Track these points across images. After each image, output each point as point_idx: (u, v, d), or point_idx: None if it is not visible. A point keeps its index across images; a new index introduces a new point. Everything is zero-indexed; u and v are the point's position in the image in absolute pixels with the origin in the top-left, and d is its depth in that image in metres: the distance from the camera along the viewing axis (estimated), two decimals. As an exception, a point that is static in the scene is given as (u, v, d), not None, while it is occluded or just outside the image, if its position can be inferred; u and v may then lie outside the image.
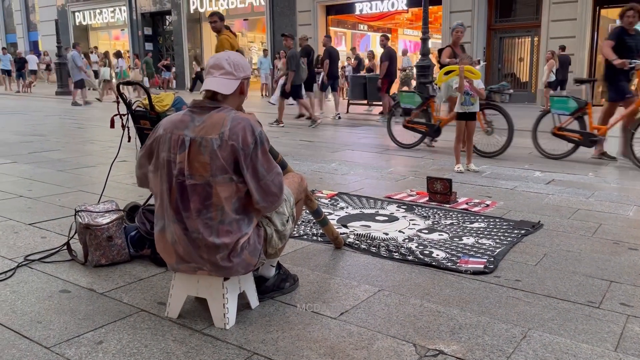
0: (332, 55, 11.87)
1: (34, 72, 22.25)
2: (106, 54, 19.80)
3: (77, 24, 26.60)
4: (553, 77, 13.55)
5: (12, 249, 3.11)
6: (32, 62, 22.19)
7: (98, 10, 25.79)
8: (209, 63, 2.22)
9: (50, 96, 18.73)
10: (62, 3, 26.40)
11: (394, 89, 12.73)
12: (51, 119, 11.55)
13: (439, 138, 7.45)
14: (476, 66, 6.99)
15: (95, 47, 23.17)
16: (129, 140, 3.43)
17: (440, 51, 7.43)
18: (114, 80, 17.95)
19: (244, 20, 23.02)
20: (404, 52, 17.63)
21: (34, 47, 27.76)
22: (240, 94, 2.25)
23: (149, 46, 23.65)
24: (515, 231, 3.53)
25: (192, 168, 2.07)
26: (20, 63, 21.20)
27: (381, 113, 11.58)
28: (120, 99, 3.33)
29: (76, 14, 26.53)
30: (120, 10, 24.74)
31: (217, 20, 7.18)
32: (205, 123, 2.09)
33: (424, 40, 12.00)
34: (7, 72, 21.61)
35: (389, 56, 11.25)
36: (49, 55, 23.34)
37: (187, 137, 2.08)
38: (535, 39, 15.32)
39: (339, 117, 11.94)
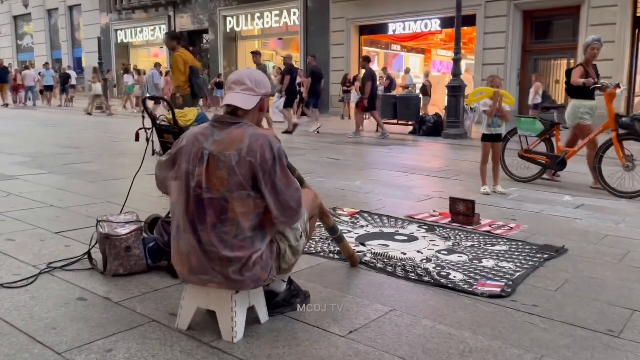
0: (315, 74, 13.04)
1: (72, 86, 23.01)
2: (95, 70, 20.46)
3: (119, 41, 27.50)
4: (539, 99, 13.66)
5: (37, 256, 3.20)
6: (72, 77, 22.99)
7: (139, 29, 26.63)
8: (230, 79, 2.27)
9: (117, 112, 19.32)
10: (107, 22, 27.39)
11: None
12: (88, 132, 11.93)
13: (562, 171, 6.32)
14: (617, 90, 5.89)
15: (123, 64, 23.80)
16: (152, 154, 3.52)
17: (568, 72, 6.47)
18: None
19: (278, 39, 23.39)
20: (407, 71, 17.58)
21: (77, 63, 28.79)
22: (259, 111, 2.29)
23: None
24: (538, 255, 3.45)
25: (210, 182, 2.11)
26: (64, 78, 22.02)
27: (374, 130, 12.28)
28: (145, 113, 3.42)
29: (118, 32, 27.45)
30: (159, 28, 25.48)
31: (170, 40, 7.86)
32: (224, 138, 2.13)
33: (456, 60, 11.97)
34: (49, 88, 22.35)
35: (372, 77, 11.79)
36: (110, 72, 23.55)
37: (206, 150, 2.12)
38: (572, 61, 15.03)
39: (318, 132, 12.53)
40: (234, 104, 2.19)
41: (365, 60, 12.35)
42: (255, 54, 11.79)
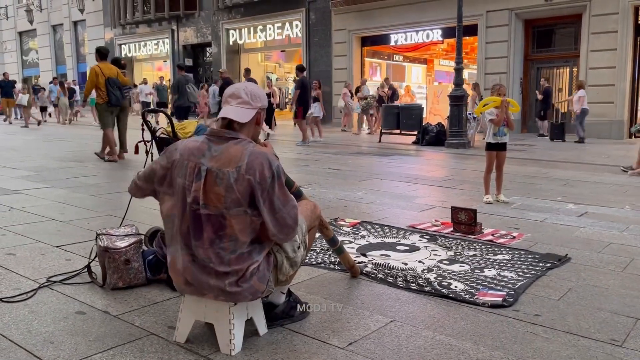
0: (227, 85, 14.40)
1: (77, 101, 23.05)
2: (26, 81, 20.72)
3: (123, 55, 27.70)
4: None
5: (37, 270, 3.20)
6: (77, 92, 23.05)
7: (143, 43, 26.87)
8: (227, 92, 2.27)
9: (94, 124, 19.43)
10: (111, 36, 27.64)
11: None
12: (92, 146, 11.94)
13: None
14: None
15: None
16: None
17: None
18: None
19: (281, 51, 23.55)
20: (364, 82, 17.71)
21: (82, 78, 29.04)
22: (256, 124, 2.28)
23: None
24: (540, 264, 3.42)
25: (207, 198, 2.09)
26: (70, 93, 22.10)
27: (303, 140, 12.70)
28: (144, 126, 3.43)
29: (122, 46, 27.70)
30: (163, 42, 25.70)
31: (95, 54, 9.21)
32: (222, 154, 2.12)
33: (458, 70, 12.00)
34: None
35: (301, 85, 12.61)
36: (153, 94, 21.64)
37: (204, 166, 2.11)
38: (574, 69, 15.05)
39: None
40: (229, 117, 2.19)
41: (299, 69, 13.09)
42: (179, 68, 13.16)
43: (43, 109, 21.89)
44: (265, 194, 2.08)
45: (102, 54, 9.00)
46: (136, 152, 3.41)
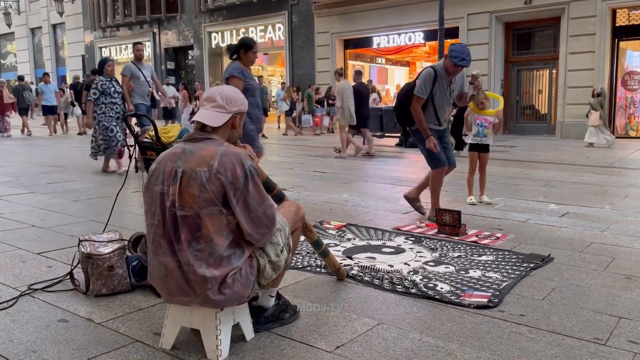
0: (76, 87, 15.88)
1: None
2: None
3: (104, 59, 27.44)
4: (287, 107, 17.10)
5: (18, 278, 3.14)
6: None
7: (124, 46, 26.59)
8: (204, 95, 2.29)
9: (74, 129, 19.16)
10: (91, 39, 27.33)
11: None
12: (72, 150, 11.81)
13: None
14: None
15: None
16: (136, 171, 3.49)
17: None
18: None
19: (264, 54, 23.48)
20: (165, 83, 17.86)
21: (61, 82, 28.65)
22: (232, 128, 2.28)
23: (171, 80, 24.20)
24: (524, 264, 3.45)
25: (182, 199, 2.08)
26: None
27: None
28: (128, 130, 3.40)
29: (103, 49, 27.40)
30: (145, 46, 25.45)
31: None
32: (195, 155, 2.12)
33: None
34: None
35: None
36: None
37: (180, 169, 2.11)
38: (554, 71, 15.28)
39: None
40: (200, 121, 2.20)
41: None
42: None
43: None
44: (238, 194, 2.08)
45: None
46: (120, 156, 3.37)
